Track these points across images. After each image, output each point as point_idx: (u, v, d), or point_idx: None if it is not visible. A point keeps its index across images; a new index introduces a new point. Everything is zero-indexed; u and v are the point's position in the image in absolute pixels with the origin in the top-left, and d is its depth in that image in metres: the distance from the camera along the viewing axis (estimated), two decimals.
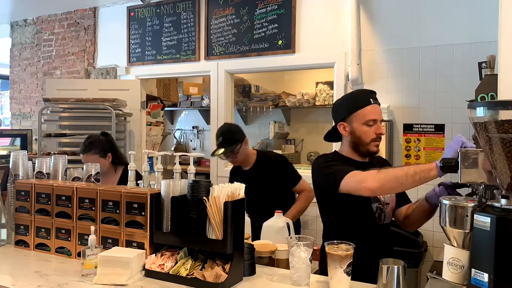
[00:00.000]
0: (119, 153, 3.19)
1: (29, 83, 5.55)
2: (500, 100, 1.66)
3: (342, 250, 1.56)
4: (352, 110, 1.96)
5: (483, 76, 2.48)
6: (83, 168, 2.22)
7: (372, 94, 1.99)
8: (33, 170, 2.24)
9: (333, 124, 2.06)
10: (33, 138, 4.84)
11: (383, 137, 3.23)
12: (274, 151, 4.06)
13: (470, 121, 1.29)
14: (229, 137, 2.90)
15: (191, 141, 6.37)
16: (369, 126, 1.93)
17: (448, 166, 1.54)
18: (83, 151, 3.06)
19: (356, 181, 1.75)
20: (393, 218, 2.09)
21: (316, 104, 4.89)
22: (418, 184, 1.61)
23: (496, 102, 1.37)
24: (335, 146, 3.53)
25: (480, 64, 2.67)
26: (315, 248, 1.78)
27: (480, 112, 1.23)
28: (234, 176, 3.03)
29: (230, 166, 4.19)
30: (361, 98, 1.98)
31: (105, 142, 3.10)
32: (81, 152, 3.10)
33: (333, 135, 2.09)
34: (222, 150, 2.88)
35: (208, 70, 4.20)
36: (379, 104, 2.00)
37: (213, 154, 3.05)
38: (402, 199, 2.09)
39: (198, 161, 5.78)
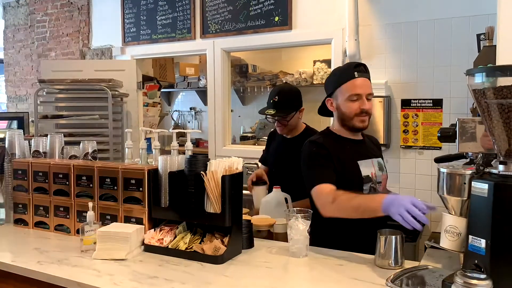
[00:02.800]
0: None
1: (24, 66, 5.49)
2: (498, 65, 1.65)
3: None
4: (336, 85, 1.92)
5: (481, 48, 2.46)
6: (80, 146, 2.21)
7: (358, 67, 1.91)
8: (30, 150, 2.23)
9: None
10: (30, 121, 4.81)
11: (381, 113, 3.24)
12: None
13: (469, 88, 1.28)
14: (286, 101, 2.58)
15: (189, 122, 6.35)
16: (352, 101, 1.88)
17: (446, 136, 1.54)
18: None
19: (318, 201, 1.74)
20: None
21: (314, 82, 4.85)
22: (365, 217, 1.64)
23: (494, 67, 1.36)
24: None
25: (478, 36, 2.64)
26: None
27: (479, 78, 1.22)
28: (273, 140, 2.82)
29: (229, 147, 4.19)
30: (345, 72, 1.92)
31: None
32: None
33: (326, 110, 2.05)
34: (273, 111, 2.55)
35: (204, 49, 4.15)
36: (368, 78, 1.93)
37: (262, 112, 2.68)
38: None
39: (197, 142, 5.77)
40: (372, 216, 1.60)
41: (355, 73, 1.89)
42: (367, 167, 1.93)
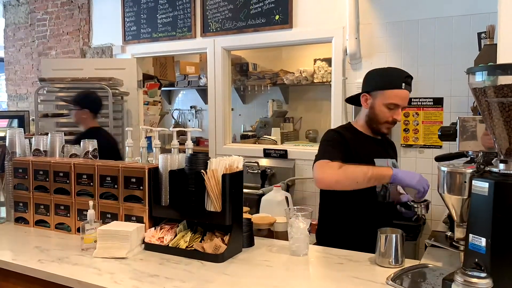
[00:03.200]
0: None
1: (24, 64, 5.49)
2: (499, 64, 1.64)
3: None
4: (380, 86, 1.93)
5: (482, 47, 2.45)
6: (80, 145, 2.21)
7: (407, 78, 1.92)
8: (30, 148, 2.23)
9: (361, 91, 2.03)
10: (30, 119, 4.82)
11: None
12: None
13: (470, 87, 1.28)
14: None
15: (189, 121, 6.35)
16: (389, 108, 1.90)
17: (447, 134, 1.54)
18: None
19: (318, 171, 1.77)
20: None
21: (315, 81, 4.84)
22: (370, 186, 1.75)
23: (495, 66, 1.36)
24: (333, 126, 3.51)
25: (479, 34, 2.63)
26: (313, 222, 1.79)
27: (480, 77, 1.22)
28: None
29: (229, 145, 4.19)
30: (395, 78, 1.92)
31: None
32: None
33: (355, 100, 2.07)
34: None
35: (204, 47, 4.15)
36: (410, 91, 1.95)
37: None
38: None
39: (197, 141, 5.77)
40: (377, 183, 1.76)
41: (403, 84, 1.90)
42: (381, 165, 1.93)
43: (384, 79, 1.95)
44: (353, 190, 1.87)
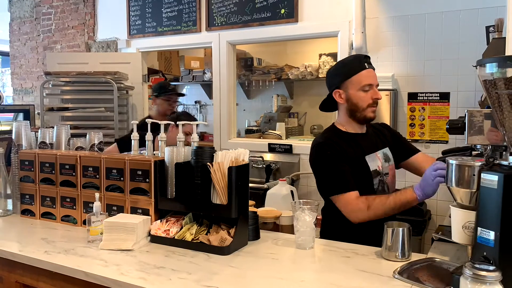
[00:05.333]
0: None
1: (29, 58, 5.50)
2: (509, 55, 1.63)
3: None
4: (347, 76, 1.91)
5: (490, 40, 2.43)
6: (86, 137, 2.21)
7: (366, 58, 1.94)
8: (36, 141, 2.23)
9: (328, 93, 2.00)
10: (36, 113, 4.83)
11: (387, 106, 3.22)
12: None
13: (479, 79, 1.27)
14: None
15: (193, 115, 6.34)
16: (365, 91, 1.89)
17: (455, 128, 1.53)
18: None
19: (347, 212, 1.79)
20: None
21: (319, 76, 4.82)
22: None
23: (505, 57, 1.34)
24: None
25: (487, 28, 2.61)
26: (318, 217, 1.79)
27: (490, 68, 1.20)
28: None
29: (234, 140, 4.19)
30: (355, 63, 1.93)
31: None
32: None
33: (328, 105, 2.03)
34: None
35: (209, 42, 4.14)
36: (373, 69, 1.95)
37: None
38: (406, 151, 2.08)
39: (202, 136, 5.77)
40: (408, 207, 1.73)
41: (365, 64, 1.91)
42: (373, 161, 1.93)
43: (348, 68, 1.94)
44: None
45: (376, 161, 1.95)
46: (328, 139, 1.92)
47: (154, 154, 2.08)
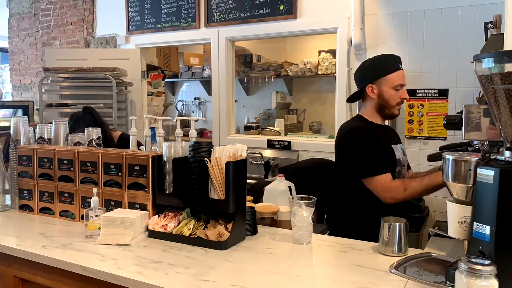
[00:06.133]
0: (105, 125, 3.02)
1: (28, 54, 5.50)
2: (506, 50, 1.63)
3: None
4: (382, 73, 2.04)
5: (489, 37, 2.43)
6: (84, 133, 2.21)
7: (399, 59, 2.08)
8: (35, 137, 2.23)
9: (357, 87, 2.17)
10: (35, 109, 4.83)
11: None
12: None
13: (476, 74, 1.27)
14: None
15: (193, 112, 6.35)
16: (396, 90, 2.03)
17: (452, 123, 1.53)
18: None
19: (384, 194, 1.92)
20: None
21: (319, 73, 4.82)
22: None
23: (502, 52, 1.34)
24: (337, 118, 3.50)
25: (486, 24, 2.61)
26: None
27: (486, 63, 1.20)
28: None
29: (233, 136, 4.19)
30: (391, 62, 2.07)
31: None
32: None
33: (355, 97, 2.19)
34: None
35: (208, 38, 4.14)
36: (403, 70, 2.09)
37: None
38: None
39: (201, 133, 5.78)
40: (438, 190, 1.88)
41: (399, 64, 2.07)
42: (397, 151, 2.08)
43: (383, 66, 2.08)
44: None
45: (398, 152, 2.09)
46: (362, 125, 2.07)
47: (152, 150, 2.09)
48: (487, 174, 1.19)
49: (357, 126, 2.07)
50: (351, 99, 2.28)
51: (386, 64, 2.07)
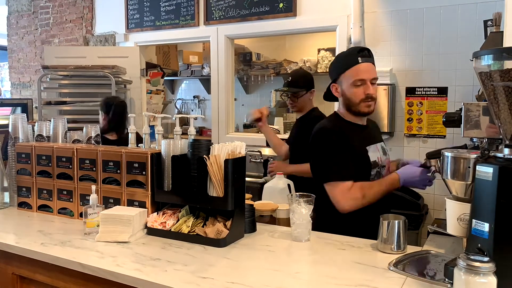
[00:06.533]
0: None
1: (27, 52, 5.49)
2: (505, 47, 1.63)
3: None
4: (340, 70, 1.91)
5: (488, 34, 2.43)
6: (83, 130, 2.21)
7: (361, 52, 1.90)
8: (33, 134, 2.23)
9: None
10: (34, 107, 4.82)
11: (385, 101, 3.22)
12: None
13: (475, 71, 1.26)
14: (297, 81, 2.90)
15: (192, 110, 6.34)
16: (357, 86, 1.86)
17: (451, 121, 1.53)
18: None
19: (339, 200, 1.80)
20: None
21: (318, 71, 4.82)
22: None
23: (501, 49, 1.34)
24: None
25: (485, 22, 2.61)
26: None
27: (486, 60, 1.20)
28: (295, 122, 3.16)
29: (232, 134, 4.19)
30: (349, 57, 1.90)
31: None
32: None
33: (332, 95, 2.03)
34: (286, 88, 2.93)
35: (207, 36, 4.13)
36: (372, 62, 1.91)
37: (276, 90, 3.35)
38: None
39: (200, 131, 5.77)
40: (390, 191, 1.85)
41: (359, 58, 1.87)
42: (374, 152, 1.95)
43: (340, 62, 1.95)
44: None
45: (376, 152, 1.97)
46: (334, 126, 1.93)
47: (151, 148, 2.09)
48: (486, 171, 1.19)
49: (327, 126, 1.93)
50: (327, 97, 2.09)
51: (345, 60, 1.92)
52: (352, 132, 1.92)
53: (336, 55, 3.33)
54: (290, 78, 2.96)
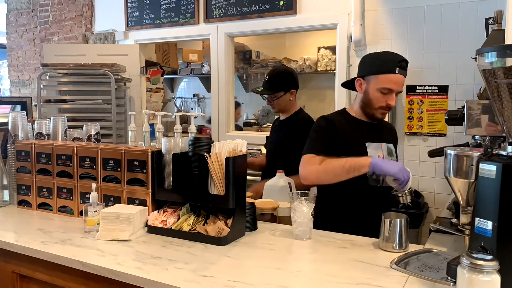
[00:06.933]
0: None
1: (26, 50, 5.47)
2: (509, 44, 1.62)
3: None
4: (374, 71, 1.90)
5: (490, 32, 2.42)
6: (83, 128, 2.20)
7: (401, 63, 1.89)
8: (33, 132, 2.22)
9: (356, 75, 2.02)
10: (33, 105, 4.80)
11: None
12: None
13: (479, 68, 1.26)
14: (275, 81, 2.66)
15: (192, 109, 6.33)
16: (382, 93, 1.88)
17: (454, 118, 1.52)
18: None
19: (301, 168, 1.80)
20: None
21: (318, 69, 4.81)
22: (350, 177, 1.73)
23: (505, 46, 1.34)
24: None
25: (487, 20, 2.60)
26: None
27: (489, 57, 1.19)
28: (274, 123, 2.95)
29: (232, 133, 4.18)
30: (388, 63, 1.89)
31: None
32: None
33: (350, 84, 2.06)
34: (260, 90, 2.71)
35: (207, 34, 4.12)
36: (405, 76, 1.92)
37: (253, 90, 2.90)
38: None
39: (200, 129, 5.76)
40: (356, 174, 1.71)
41: (397, 68, 1.87)
42: (375, 150, 1.92)
43: (377, 63, 1.92)
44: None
45: (378, 150, 1.94)
46: (331, 116, 1.97)
47: (151, 146, 2.08)
48: (490, 169, 1.18)
49: (324, 116, 1.96)
50: (346, 85, 2.12)
51: (383, 63, 1.91)
52: (353, 127, 1.94)
53: (336, 55, 3.32)
54: (267, 77, 2.71)
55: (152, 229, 1.71)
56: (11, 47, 5.64)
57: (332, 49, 4.52)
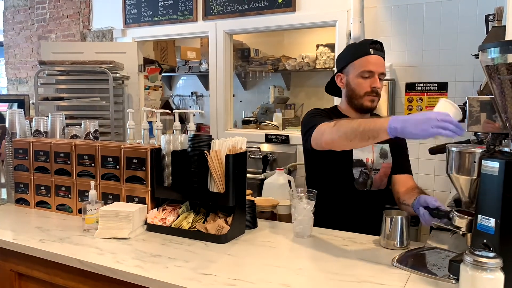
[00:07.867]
0: None
1: (24, 48, 5.43)
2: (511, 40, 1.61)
3: None
4: (349, 59, 1.83)
5: (490, 29, 2.41)
6: (81, 126, 2.19)
7: (374, 44, 1.82)
8: (31, 130, 2.20)
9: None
10: (31, 103, 4.78)
11: (385, 97, 3.19)
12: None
13: (481, 64, 1.25)
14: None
15: (190, 107, 6.31)
16: (364, 78, 1.79)
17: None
18: None
19: (318, 134, 1.62)
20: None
21: (317, 67, 4.79)
22: (367, 145, 1.54)
23: (508, 42, 1.33)
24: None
25: (487, 17, 2.59)
26: None
27: (492, 53, 1.18)
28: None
29: (231, 130, 4.16)
30: (361, 47, 1.83)
31: None
32: None
33: (334, 88, 1.97)
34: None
35: (206, 31, 4.10)
36: (383, 57, 1.84)
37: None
38: (397, 166, 1.91)
39: (198, 127, 5.74)
40: (374, 139, 1.38)
41: (371, 49, 1.80)
42: (362, 152, 1.83)
43: (350, 51, 1.87)
44: (331, 175, 1.85)
45: (368, 153, 1.84)
46: (324, 109, 1.91)
47: (150, 143, 2.06)
48: (492, 166, 1.17)
49: (316, 108, 1.91)
50: (329, 90, 2.01)
51: (356, 50, 1.83)
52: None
53: (335, 53, 3.28)
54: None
55: (152, 227, 1.70)
56: (8, 45, 5.60)
57: (331, 46, 4.50)
